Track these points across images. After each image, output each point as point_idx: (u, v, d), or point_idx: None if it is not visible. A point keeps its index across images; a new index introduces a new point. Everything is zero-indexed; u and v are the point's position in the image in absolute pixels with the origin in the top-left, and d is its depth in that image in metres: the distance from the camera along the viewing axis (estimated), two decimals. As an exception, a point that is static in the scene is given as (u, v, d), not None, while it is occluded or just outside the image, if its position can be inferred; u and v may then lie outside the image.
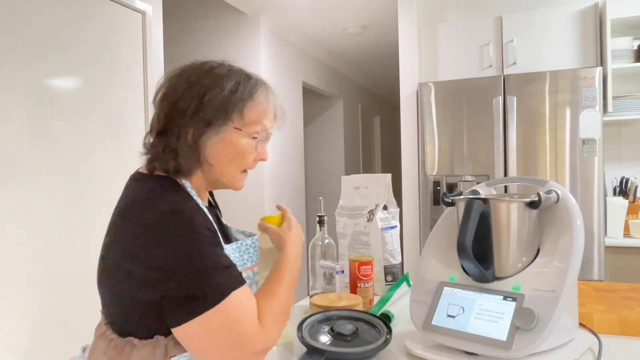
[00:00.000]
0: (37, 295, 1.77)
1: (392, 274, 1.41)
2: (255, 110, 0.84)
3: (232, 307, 0.73)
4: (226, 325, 0.73)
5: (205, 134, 0.81)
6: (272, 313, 0.78)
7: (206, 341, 0.73)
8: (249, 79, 0.86)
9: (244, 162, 0.86)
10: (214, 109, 0.80)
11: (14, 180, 1.71)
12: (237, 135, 0.83)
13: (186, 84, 0.82)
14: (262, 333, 0.76)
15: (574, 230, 0.83)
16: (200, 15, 3.66)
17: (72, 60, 1.94)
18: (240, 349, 0.74)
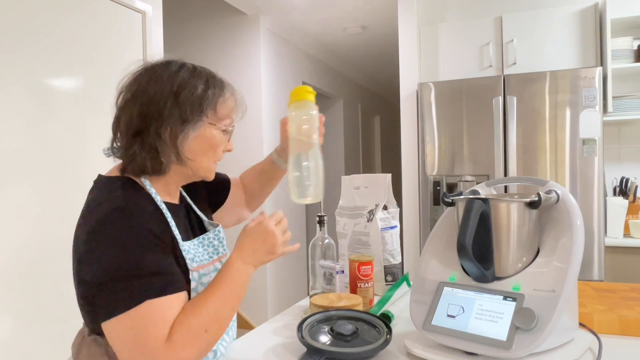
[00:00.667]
0: (37, 295, 1.77)
1: (392, 274, 1.41)
2: (225, 105, 0.90)
3: (140, 316, 0.74)
4: (132, 332, 0.74)
5: (183, 131, 0.85)
6: (185, 328, 0.76)
7: (117, 342, 0.75)
8: (215, 78, 0.91)
9: (217, 154, 0.92)
10: (189, 106, 0.84)
11: (14, 180, 1.71)
12: (211, 130, 0.88)
13: (157, 84, 0.85)
14: (166, 349, 0.73)
15: (574, 230, 0.83)
16: (200, 15, 3.66)
17: (72, 60, 1.94)
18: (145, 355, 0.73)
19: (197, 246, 0.90)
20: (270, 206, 3.68)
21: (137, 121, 0.85)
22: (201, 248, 0.91)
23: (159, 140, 0.84)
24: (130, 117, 0.86)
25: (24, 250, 1.74)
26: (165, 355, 0.73)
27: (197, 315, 0.78)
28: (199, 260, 0.88)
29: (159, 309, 0.75)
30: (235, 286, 0.83)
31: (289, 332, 1.06)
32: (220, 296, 0.81)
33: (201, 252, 0.89)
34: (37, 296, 1.77)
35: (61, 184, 1.88)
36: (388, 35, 4.22)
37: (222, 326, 0.80)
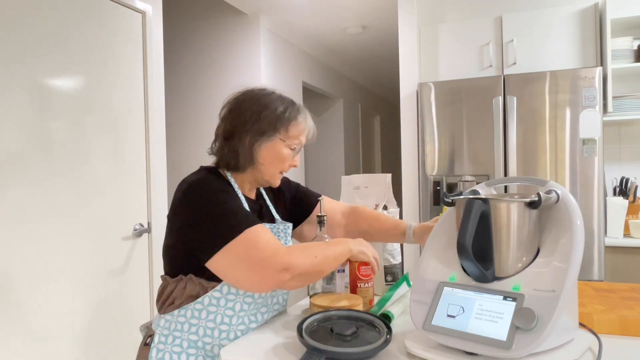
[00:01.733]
0: (37, 295, 1.77)
1: (392, 274, 1.41)
2: (296, 128, 1.13)
3: (247, 238, 0.96)
4: (245, 251, 0.96)
5: (258, 141, 1.10)
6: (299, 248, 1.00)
7: (234, 267, 0.97)
8: (294, 105, 1.14)
9: (282, 166, 1.14)
10: (267, 123, 1.09)
11: (14, 180, 1.71)
12: (281, 145, 1.12)
13: (248, 102, 1.11)
14: (283, 252, 0.96)
15: (574, 230, 0.83)
16: (200, 15, 3.66)
17: (72, 60, 1.94)
18: (262, 267, 0.95)
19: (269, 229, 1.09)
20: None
21: (229, 129, 1.10)
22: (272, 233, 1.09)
23: (240, 145, 1.09)
24: (226, 126, 1.11)
25: (24, 250, 1.74)
26: (279, 259, 0.95)
27: (309, 245, 1.03)
28: None
29: (258, 232, 0.97)
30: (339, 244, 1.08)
31: (289, 332, 1.06)
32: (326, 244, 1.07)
33: None
34: (38, 296, 1.77)
35: (61, 184, 1.88)
36: (388, 35, 4.22)
37: (324, 263, 1.02)
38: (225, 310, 1.03)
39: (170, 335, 1.04)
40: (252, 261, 0.95)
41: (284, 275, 0.95)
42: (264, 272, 0.95)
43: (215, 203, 0.99)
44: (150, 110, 2.31)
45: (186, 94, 3.68)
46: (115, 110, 2.13)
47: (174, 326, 1.04)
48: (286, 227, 1.18)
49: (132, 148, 2.21)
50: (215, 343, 1.03)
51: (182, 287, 1.04)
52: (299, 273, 0.97)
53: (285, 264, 0.95)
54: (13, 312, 1.69)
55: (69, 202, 1.90)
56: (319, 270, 1.01)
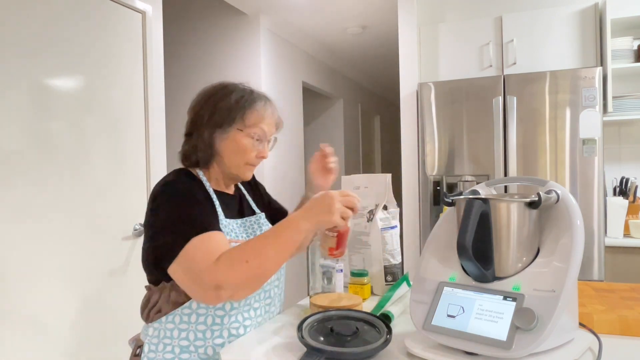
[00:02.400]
0: (38, 295, 1.77)
1: (392, 274, 1.41)
2: (254, 115, 1.09)
3: (188, 250, 0.93)
4: (185, 263, 0.93)
5: (215, 133, 1.08)
6: (228, 256, 0.92)
7: (180, 279, 0.95)
8: (252, 93, 1.12)
9: (246, 156, 1.10)
10: (222, 114, 1.07)
11: (14, 180, 1.71)
12: (240, 135, 1.09)
13: (207, 96, 1.11)
14: (209, 270, 0.90)
15: (574, 230, 0.83)
16: (200, 15, 3.66)
17: (72, 60, 1.94)
18: (197, 283, 0.92)
19: (239, 225, 1.10)
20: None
21: (189, 126, 1.12)
22: (242, 228, 1.11)
23: (199, 140, 1.09)
24: (187, 123, 1.13)
25: (24, 250, 1.74)
26: (207, 276, 0.90)
27: (241, 249, 0.93)
28: (234, 235, 1.06)
29: (202, 243, 0.94)
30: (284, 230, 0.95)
31: (289, 332, 1.06)
32: (266, 236, 0.95)
33: (240, 231, 1.09)
34: (38, 296, 1.77)
35: (61, 184, 1.88)
36: (388, 35, 4.22)
37: (263, 262, 0.92)
38: (215, 310, 1.01)
39: (160, 343, 1.02)
40: (189, 275, 0.93)
41: (219, 293, 0.90)
42: (200, 289, 0.91)
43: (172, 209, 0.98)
44: (150, 110, 2.31)
45: (186, 94, 3.67)
46: (115, 110, 2.13)
47: (163, 334, 1.02)
48: (257, 219, 1.17)
49: (132, 148, 2.21)
50: (209, 344, 1.01)
51: (167, 295, 1.02)
52: (234, 286, 0.90)
53: (215, 282, 0.89)
54: (12, 311, 1.69)
55: (69, 202, 1.90)
56: (259, 273, 0.92)
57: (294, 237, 0.94)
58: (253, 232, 1.13)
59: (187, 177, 1.08)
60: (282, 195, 3.88)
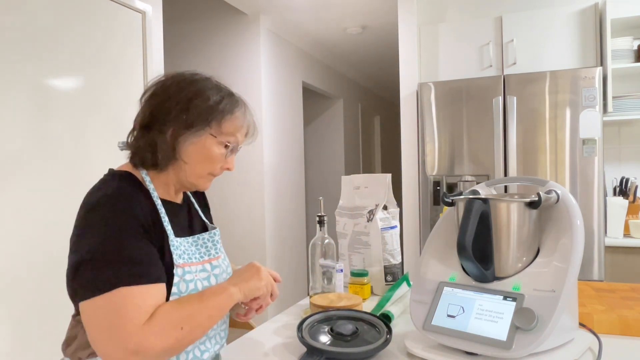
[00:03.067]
0: (37, 295, 1.77)
1: (392, 274, 1.41)
2: (232, 123, 0.93)
3: (117, 300, 0.77)
4: (108, 314, 0.76)
5: (183, 135, 0.90)
6: (166, 318, 0.79)
7: (92, 323, 0.78)
8: (232, 96, 0.95)
9: (212, 167, 0.94)
10: (197, 114, 0.89)
11: (14, 180, 1.71)
12: (211, 142, 0.92)
13: (176, 87, 0.91)
14: (141, 332, 0.76)
15: (574, 230, 0.83)
16: (200, 15, 3.66)
17: (72, 60, 1.94)
18: (114, 341, 0.75)
19: (190, 244, 0.93)
20: (270, 206, 3.68)
21: (148, 117, 0.92)
22: (194, 247, 0.94)
23: (160, 137, 0.89)
24: (144, 113, 0.93)
25: (24, 251, 1.74)
26: (139, 339, 0.75)
27: (177, 311, 0.81)
28: (187, 257, 0.90)
29: (134, 295, 0.78)
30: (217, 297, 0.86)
31: (289, 332, 1.06)
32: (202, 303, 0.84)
33: (193, 251, 0.93)
34: (38, 296, 1.77)
35: (61, 184, 1.88)
36: (388, 35, 4.22)
37: (196, 329, 0.82)
38: None
39: None
40: (108, 328, 0.76)
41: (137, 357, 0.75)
42: (111, 347, 0.75)
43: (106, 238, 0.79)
44: (150, 110, 2.31)
45: (186, 94, 3.68)
46: (115, 109, 2.13)
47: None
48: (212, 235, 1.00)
49: (132, 148, 2.21)
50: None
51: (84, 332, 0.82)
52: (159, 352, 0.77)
53: (138, 347, 0.75)
54: (12, 311, 1.69)
55: (69, 202, 1.90)
56: (188, 341, 0.81)
57: (227, 304, 0.87)
58: (207, 252, 0.96)
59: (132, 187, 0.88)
60: (282, 195, 3.89)
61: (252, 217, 3.58)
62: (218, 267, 0.95)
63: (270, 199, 3.67)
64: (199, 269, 0.91)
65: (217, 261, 0.96)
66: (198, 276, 0.90)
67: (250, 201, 3.60)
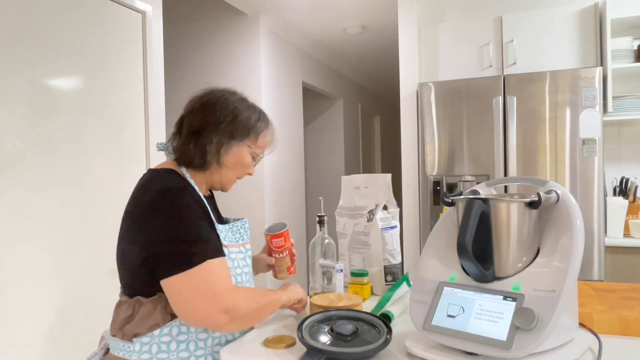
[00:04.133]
0: (39, 295, 1.77)
1: (392, 274, 1.41)
2: (265, 139, 1.14)
3: (207, 270, 0.94)
4: (201, 280, 0.93)
5: (228, 144, 1.08)
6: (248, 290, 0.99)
7: (184, 293, 0.93)
8: (265, 116, 1.15)
9: (241, 172, 1.14)
10: (240, 127, 1.08)
11: (14, 180, 1.71)
12: (247, 152, 1.11)
13: (224, 102, 1.09)
14: (231, 293, 0.94)
15: (574, 230, 0.83)
16: (200, 15, 3.66)
17: (72, 60, 1.94)
18: (209, 303, 0.92)
19: (227, 230, 1.09)
20: (271, 206, 3.68)
21: (198, 124, 1.06)
22: (230, 232, 1.10)
23: (209, 143, 1.05)
24: (194, 120, 1.07)
25: (24, 251, 1.74)
26: (228, 299, 0.93)
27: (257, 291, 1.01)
28: (229, 240, 1.06)
29: (217, 267, 0.95)
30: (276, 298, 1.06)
31: (289, 332, 1.06)
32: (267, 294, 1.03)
33: (230, 236, 1.09)
34: (37, 296, 1.77)
35: (61, 184, 1.88)
36: (388, 35, 4.22)
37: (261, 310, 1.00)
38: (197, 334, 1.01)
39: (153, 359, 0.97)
40: (201, 294, 0.92)
41: (222, 317, 0.93)
42: (208, 308, 0.92)
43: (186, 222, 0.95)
44: (150, 110, 2.31)
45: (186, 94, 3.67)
46: (115, 110, 2.13)
47: (156, 348, 0.97)
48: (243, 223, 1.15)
49: (132, 148, 2.21)
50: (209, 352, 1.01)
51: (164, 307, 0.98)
52: (238, 317, 0.95)
53: (229, 305, 0.93)
54: (11, 311, 1.69)
55: (69, 202, 1.90)
56: (256, 317, 1.00)
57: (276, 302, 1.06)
58: (241, 237, 1.12)
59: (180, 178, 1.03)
60: (283, 195, 3.89)
61: (252, 217, 3.58)
62: (250, 251, 1.14)
63: (270, 199, 3.67)
64: (237, 250, 1.08)
65: (249, 245, 1.14)
66: (237, 256, 1.07)
67: (251, 201, 3.60)
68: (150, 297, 0.98)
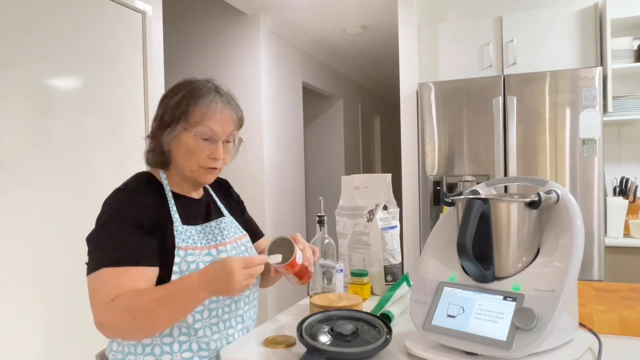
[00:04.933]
0: (39, 295, 1.77)
1: (392, 274, 1.41)
2: (199, 112, 0.98)
3: (94, 278, 0.91)
4: (90, 290, 0.91)
5: (164, 134, 1.01)
6: (123, 303, 0.88)
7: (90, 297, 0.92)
8: (200, 88, 1.01)
9: (196, 159, 1.00)
10: (169, 112, 1.00)
11: (14, 180, 1.71)
12: (186, 135, 0.99)
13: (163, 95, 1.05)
14: (100, 308, 0.89)
15: (574, 230, 0.83)
16: (200, 15, 3.66)
17: (72, 60, 1.94)
18: (93, 313, 0.90)
19: (198, 232, 1.02)
20: (271, 206, 3.68)
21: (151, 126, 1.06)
22: (201, 234, 1.02)
23: (155, 140, 1.03)
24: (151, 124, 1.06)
25: (25, 251, 1.74)
26: (96, 312, 0.89)
27: (136, 299, 0.89)
28: (192, 242, 0.99)
29: (110, 276, 0.90)
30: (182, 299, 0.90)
31: (289, 332, 1.06)
32: (164, 298, 0.89)
33: (200, 238, 1.01)
34: (37, 295, 1.77)
35: (61, 184, 1.87)
36: (388, 35, 4.22)
37: (152, 322, 0.89)
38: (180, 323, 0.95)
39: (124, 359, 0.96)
40: (90, 300, 0.91)
41: (103, 330, 0.90)
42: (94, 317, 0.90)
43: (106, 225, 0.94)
44: (151, 110, 2.31)
45: (186, 94, 3.67)
46: (115, 110, 2.13)
47: (127, 349, 0.96)
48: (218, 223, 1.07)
49: (132, 148, 2.21)
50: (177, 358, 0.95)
51: None
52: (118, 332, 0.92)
53: (101, 321, 0.89)
54: (11, 310, 1.69)
55: (69, 202, 1.90)
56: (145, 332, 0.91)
57: (191, 304, 0.90)
58: (213, 238, 1.03)
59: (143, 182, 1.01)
60: (282, 195, 3.89)
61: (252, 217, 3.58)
62: (225, 252, 1.02)
63: (270, 198, 3.67)
64: (204, 253, 0.99)
65: (225, 247, 1.03)
66: (202, 259, 0.98)
67: (251, 201, 3.60)
68: None
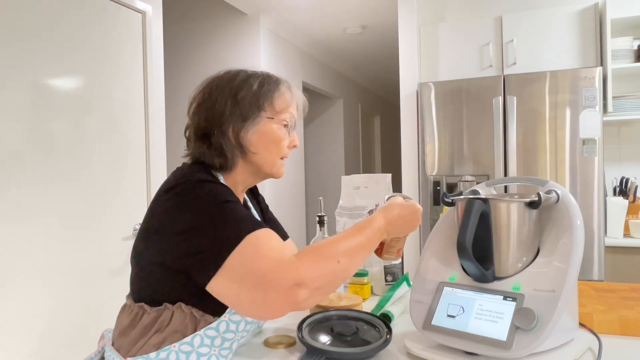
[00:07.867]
0: (40, 295, 1.77)
1: (392, 274, 1.41)
2: (282, 99, 0.94)
3: (247, 247, 0.76)
4: (245, 265, 0.74)
5: (243, 128, 0.91)
6: (313, 250, 0.79)
7: (235, 287, 0.75)
8: (271, 76, 0.97)
9: (280, 149, 0.95)
10: (247, 104, 0.91)
11: (14, 180, 1.71)
12: (271, 124, 0.93)
13: (217, 89, 0.93)
14: (289, 264, 0.75)
15: (574, 230, 0.83)
16: (200, 15, 3.66)
17: (72, 60, 1.94)
18: (267, 286, 0.74)
19: None
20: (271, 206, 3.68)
21: (203, 125, 0.92)
22: None
23: (223, 138, 0.90)
24: (198, 123, 0.93)
25: (25, 251, 1.74)
26: (290, 272, 0.74)
27: (331, 246, 0.80)
28: None
29: (261, 237, 0.78)
30: (372, 234, 0.87)
31: (289, 332, 1.06)
32: (355, 235, 0.84)
33: None
34: (37, 295, 1.77)
35: (61, 184, 1.87)
36: (388, 35, 4.22)
37: (352, 265, 0.81)
38: (220, 350, 0.83)
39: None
40: (252, 277, 0.74)
41: (296, 293, 0.73)
42: (268, 293, 0.73)
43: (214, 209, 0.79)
44: (150, 110, 2.31)
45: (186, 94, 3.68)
46: (115, 110, 2.13)
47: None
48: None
49: (132, 148, 2.21)
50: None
51: (167, 319, 0.81)
52: (316, 287, 0.76)
53: (296, 278, 0.74)
54: (11, 310, 1.69)
55: (69, 202, 1.90)
56: (344, 276, 0.80)
57: (377, 242, 0.88)
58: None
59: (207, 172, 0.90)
60: (282, 195, 3.89)
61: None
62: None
63: (270, 198, 3.67)
64: None
65: None
66: None
67: (250, 201, 3.59)
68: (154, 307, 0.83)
